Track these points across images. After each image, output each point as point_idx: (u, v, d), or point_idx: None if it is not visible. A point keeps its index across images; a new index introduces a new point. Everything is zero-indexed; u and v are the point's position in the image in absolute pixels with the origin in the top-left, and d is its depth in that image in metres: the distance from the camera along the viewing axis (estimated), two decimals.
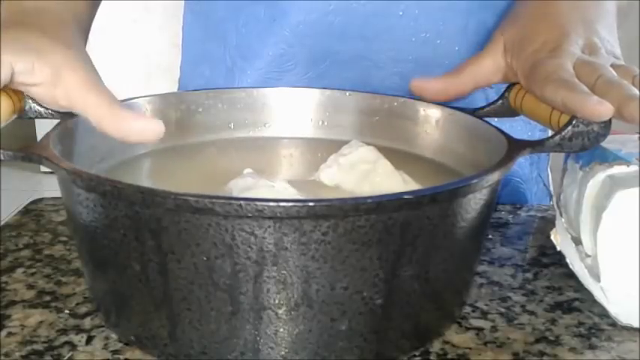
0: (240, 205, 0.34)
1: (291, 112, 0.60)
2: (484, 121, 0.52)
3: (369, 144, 0.53)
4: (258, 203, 0.34)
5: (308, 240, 0.36)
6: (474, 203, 0.40)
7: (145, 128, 0.44)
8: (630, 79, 0.46)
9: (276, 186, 0.47)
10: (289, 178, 0.54)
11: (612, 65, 0.48)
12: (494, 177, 0.41)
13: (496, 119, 0.54)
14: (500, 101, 0.55)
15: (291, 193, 0.46)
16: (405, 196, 0.36)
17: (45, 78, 0.46)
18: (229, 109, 0.59)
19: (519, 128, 0.68)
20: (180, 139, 0.57)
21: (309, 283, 0.37)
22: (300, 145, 0.60)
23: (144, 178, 0.54)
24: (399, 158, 0.54)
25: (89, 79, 0.46)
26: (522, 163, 0.72)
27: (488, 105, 0.55)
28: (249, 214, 0.35)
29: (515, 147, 0.44)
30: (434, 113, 0.56)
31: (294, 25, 0.66)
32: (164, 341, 0.40)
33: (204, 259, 0.37)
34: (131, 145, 0.54)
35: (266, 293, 0.37)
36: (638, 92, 0.44)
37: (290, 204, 0.35)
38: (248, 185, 0.47)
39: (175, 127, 0.57)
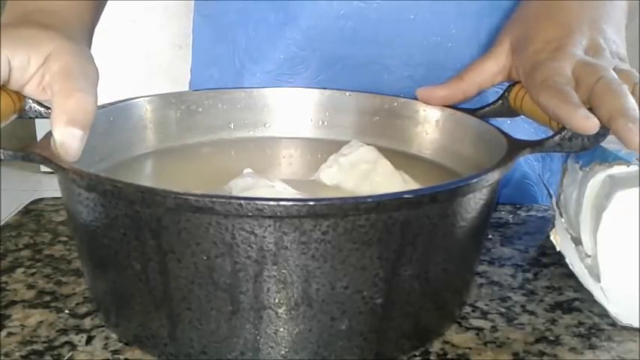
0: (241, 205, 0.34)
1: (291, 112, 0.60)
2: (484, 121, 0.52)
3: (369, 144, 0.53)
4: (258, 202, 0.34)
5: (308, 239, 0.36)
6: (473, 203, 0.40)
7: (57, 143, 0.43)
8: (631, 87, 0.46)
9: (276, 186, 0.47)
10: (289, 178, 0.54)
11: (615, 69, 0.48)
12: (494, 176, 0.41)
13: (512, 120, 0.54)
14: (500, 101, 0.55)
15: (291, 193, 0.46)
16: (405, 196, 0.36)
17: (38, 68, 0.46)
18: (229, 109, 0.59)
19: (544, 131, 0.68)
20: (180, 140, 0.57)
21: (309, 283, 0.37)
22: (300, 145, 0.60)
23: (143, 178, 0.54)
24: (399, 158, 0.54)
25: (67, 66, 0.46)
26: (534, 165, 0.72)
27: (488, 105, 0.55)
28: (250, 214, 0.35)
29: (515, 147, 0.44)
30: (434, 113, 0.56)
31: (305, 29, 0.66)
32: (164, 341, 0.40)
33: (205, 258, 0.37)
34: (131, 146, 0.54)
35: (266, 292, 0.37)
36: (633, 106, 0.43)
37: (290, 203, 0.35)
38: (248, 185, 0.47)
39: (176, 127, 0.57)
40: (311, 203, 0.35)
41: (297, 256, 0.36)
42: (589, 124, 0.43)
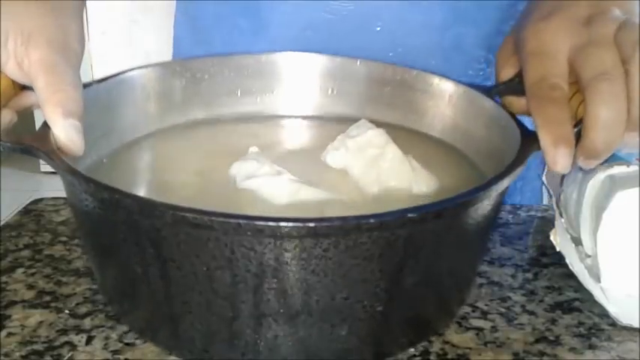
0: (239, 225, 0.34)
1: (300, 79, 0.58)
2: (498, 104, 0.50)
3: (377, 121, 0.52)
4: (257, 223, 0.34)
5: (308, 256, 0.35)
6: (480, 210, 0.40)
7: (62, 139, 0.42)
8: (630, 48, 0.43)
9: (280, 175, 0.46)
10: (295, 158, 0.53)
11: (620, 27, 0.44)
12: (503, 185, 0.39)
13: None
14: (517, 79, 0.50)
15: (294, 188, 0.45)
16: (409, 215, 0.35)
17: (15, 47, 0.44)
18: (236, 76, 0.57)
19: None
20: (185, 109, 0.56)
21: (309, 295, 0.36)
22: (307, 123, 0.58)
23: (147, 161, 0.53)
24: (408, 138, 0.53)
25: (49, 57, 0.44)
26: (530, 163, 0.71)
27: (504, 83, 0.51)
28: (249, 233, 0.34)
29: (527, 143, 0.43)
30: (448, 88, 0.54)
31: (274, 39, 0.66)
32: (167, 338, 0.41)
33: (204, 269, 0.36)
34: (135, 119, 0.53)
35: (266, 302, 0.37)
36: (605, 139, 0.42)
37: (290, 224, 0.34)
38: (251, 171, 0.46)
39: (181, 95, 0.55)
40: (311, 225, 0.34)
41: (297, 270, 0.35)
42: (558, 166, 0.42)
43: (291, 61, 0.58)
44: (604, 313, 0.46)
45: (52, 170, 0.40)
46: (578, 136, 0.43)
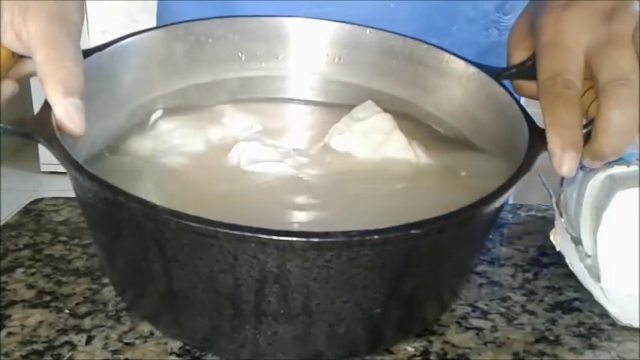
0: (244, 237, 0.34)
1: (307, 45, 0.56)
2: (507, 91, 0.48)
3: (383, 93, 0.51)
4: (261, 236, 0.34)
5: (311, 265, 0.35)
6: (485, 217, 0.40)
7: (63, 118, 0.40)
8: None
9: (282, 164, 0.46)
10: (298, 140, 0.52)
11: (637, 26, 0.43)
12: (509, 194, 0.39)
13: None
14: (530, 62, 0.48)
15: (296, 174, 0.45)
16: (413, 231, 0.35)
17: (12, 17, 0.42)
18: (240, 40, 0.55)
19: None
20: (189, 74, 0.54)
21: (309, 299, 0.37)
22: (311, 107, 0.57)
23: (151, 144, 0.51)
24: (413, 120, 0.52)
25: (48, 29, 0.42)
26: None
27: (516, 66, 0.49)
28: (253, 244, 0.34)
29: (534, 145, 0.41)
30: (457, 67, 0.52)
31: None
32: (171, 326, 0.41)
33: (207, 271, 0.36)
34: (137, 87, 0.52)
35: (267, 304, 0.37)
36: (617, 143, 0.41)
37: (294, 239, 0.34)
38: (253, 156, 0.46)
39: (184, 60, 0.54)
40: (315, 240, 0.34)
41: (299, 278, 0.36)
42: (563, 170, 0.41)
43: (299, 26, 0.56)
44: (604, 313, 0.46)
45: (52, 170, 0.40)
46: (587, 136, 0.42)
